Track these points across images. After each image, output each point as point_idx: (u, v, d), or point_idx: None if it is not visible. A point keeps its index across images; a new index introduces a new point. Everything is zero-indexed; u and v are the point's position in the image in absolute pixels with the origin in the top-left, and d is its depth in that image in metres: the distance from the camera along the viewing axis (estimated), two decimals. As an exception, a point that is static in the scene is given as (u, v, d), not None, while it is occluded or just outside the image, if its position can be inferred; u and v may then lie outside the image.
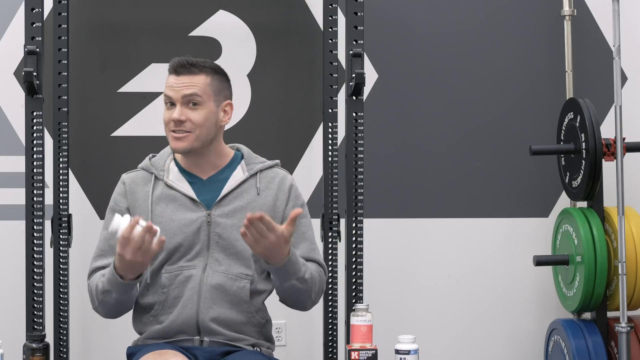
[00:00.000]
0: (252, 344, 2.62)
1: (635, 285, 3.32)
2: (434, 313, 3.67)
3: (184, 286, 2.58)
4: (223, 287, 2.58)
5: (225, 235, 2.61)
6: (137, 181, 2.68)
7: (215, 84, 2.64)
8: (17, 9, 3.45)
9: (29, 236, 3.09)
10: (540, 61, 3.71)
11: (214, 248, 2.61)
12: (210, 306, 2.57)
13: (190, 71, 2.61)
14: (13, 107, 3.47)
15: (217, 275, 2.59)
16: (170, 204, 2.63)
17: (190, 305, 2.57)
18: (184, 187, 2.64)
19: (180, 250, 2.60)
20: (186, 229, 2.61)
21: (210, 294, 2.58)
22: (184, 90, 2.59)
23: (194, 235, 2.61)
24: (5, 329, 3.29)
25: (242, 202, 2.64)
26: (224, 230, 2.61)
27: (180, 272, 2.59)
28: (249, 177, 2.67)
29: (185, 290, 2.58)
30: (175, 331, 2.59)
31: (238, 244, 2.59)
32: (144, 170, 2.70)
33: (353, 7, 3.19)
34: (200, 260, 2.60)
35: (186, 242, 2.60)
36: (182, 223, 2.61)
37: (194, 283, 2.58)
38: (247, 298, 2.59)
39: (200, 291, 2.58)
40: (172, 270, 2.60)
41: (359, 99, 3.21)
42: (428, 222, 3.68)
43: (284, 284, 2.57)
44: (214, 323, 2.57)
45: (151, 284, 2.61)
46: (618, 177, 3.29)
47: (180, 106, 2.59)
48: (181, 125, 2.59)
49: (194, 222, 2.61)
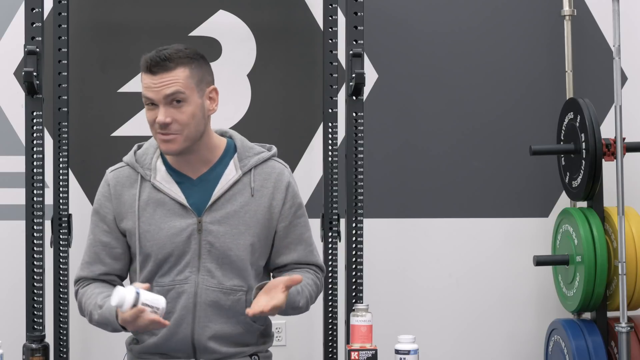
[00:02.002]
0: (250, 354, 2.58)
1: (635, 285, 3.32)
2: (434, 313, 3.67)
3: (176, 302, 2.49)
4: (217, 303, 2.49)
5: (217, 244, 2.48)
6: (123, 181, 2.52)
7: (195, 73, 2.43)
8: (17, 9, 3.46)
9: (29, 236, 3.09)
10: (540, 61, 3.71)
11: (205, 258, 2.49)
12: (205, 325, 2.50)
13: (165, 67, 2.39)
14: (13, 107, 3.47)
15: (210, 291, 2.49)
16: (158, 210, 2.49)
17: (185, 325, 2.49)
18: (172, 190, 2.49)
19: (170, 261, 2.49)
20: (175, 239, 2.48)
21: (204, 312, 2.49)
22: (164, 90, 2.39)
23: (184, 245, 2.48)
24: (5, 329, 3.29)
25: (235, 205, 2.50)
26: (216, 238, 2.48)
27: (172, 288, 2.49)
28: (242, 176, 2.52)
29: (178, 308, 2.49)
30: (170, 349, 2.53)
31: (231, 253, 2.49)
32: (129, 166, 2.54)
33: (353, 7, 3.19)
34: (191, 272, 2.49)
35: (176, 252, 2.48)
36: (171, 232, 2.48)
37: (186, 301, 2.49)
38: (242, 310, 2.49)
39: (194, 310, 2.49)
40: (164, 284, 2.49)
41: (359, 99, 3.20)
42: (428, 222, 3.68)
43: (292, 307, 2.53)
44: (210, 342, 2.51)
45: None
46: (618, 177, 3.29)
47: (164, 107, 2.39)
48: (167, 127, 2.40)
49: (183, 230, 2.48)
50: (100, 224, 2.56)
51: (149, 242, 2.50)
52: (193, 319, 2.50)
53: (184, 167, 2.51)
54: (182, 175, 2.52)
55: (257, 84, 3.58)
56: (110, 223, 2.54)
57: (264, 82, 3.60)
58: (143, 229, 2.49)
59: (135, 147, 2.59)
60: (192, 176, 2.52)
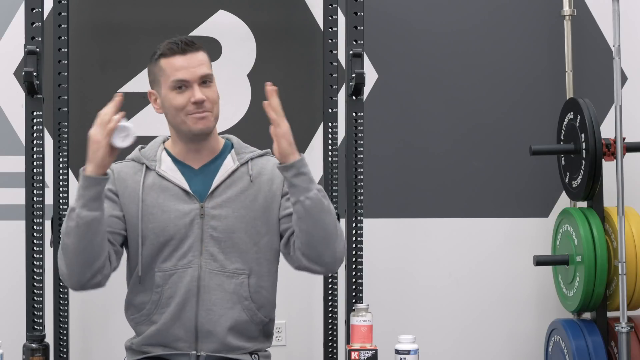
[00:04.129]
0: (251, 352, 2.59)
1: (635, 285, 3.32)
2: (434, 313, 3.67)
3: (178, 287, 2.52)
4: (221, 286, 2.53)
5: (220, 227, 2.55)
6: (127, 170, 2.61)
7: (209, 59, 2.61)
8: (17, 9, 3.46)
9: (29, 236, 3.08)
10: (540, 61, 3.72)
11: (207, 241, 2.54)
12: (209, 308, 2.53)
13: (194, 48, 2.56)
14: (13, 107, 3.47)
15: (213, 274, 2.53)
16: (161, 194, 2.56)
17: (189, 308, 2.52)
18: (176, 177, 2.58)
19: (171, 244, 2.54)
20: (178, 222, 2.54)
21: (208, 295, 2.53)
22: (199, 70, 2.53)
23: (187, 228, 2.54)
24: (5, 329, 3.29)
25: (235, 191, 2.57)
26: (219, 222, 2.55)
27: (174, 272, 2.53)
28: (239, 166, 2.61)
29: (180, 291, 2.52)
30: (172, 337, 2.54)
31: (234, 235, 2.55)
32: (133, 161, 2.63)
33: (353, 7, 3.19)
34: (194, 256, 2.53)
35: (178, 235, 2.53)
36: (174, 215, 2.54)
37: (190, 285, 2.52)
38: (246, 294, 2.55)
39: (198, 294, 2.53)
40: (166, 269, 2.53)
41: (359, 99, 3.20)
42: (428, 222, 3.68)
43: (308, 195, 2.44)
44: (214, 327, 2.53)
45: (143, 281, 2.55)
46: (618, 177, 3.29)
47: (199, 85, 2.53)
48: (202, 105, 2.53)
49: (186, 214, 2.55)
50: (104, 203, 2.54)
51: (152, 223, 2.55)
52: (197, 302, 2.53)
53: (190, 156, 2.61)
54: (186, 166, 2.61)
55: (257, 84, 3.58)
56: (113, 197, 2.57)
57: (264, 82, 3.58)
58: (146, 211, 2.55)
59: (139, 147, 2.67)
60: (195, 166, 2.61)
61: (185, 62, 2.54)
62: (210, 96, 2.55)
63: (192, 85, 2.54)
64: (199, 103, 2.52)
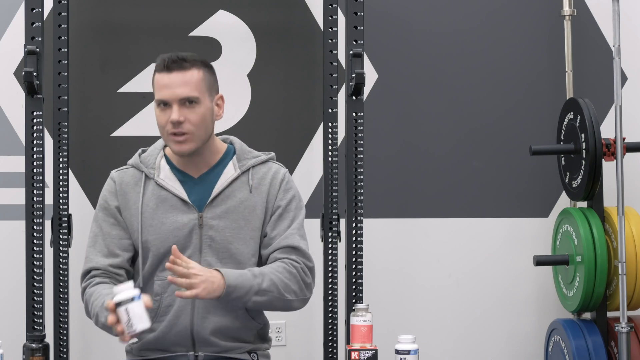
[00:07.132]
0: (249, 351, 2.60)
1: (635, 285, 3.32)
2: (434, 313, 3.67)
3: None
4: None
5: (218, 238, 2.55)
6: (128, 180, 2.60)
7: (207, 78, 2.55)
8: (17, 9, 3.45)
9: (29, 236, 3.08)
10: (540, 61, 3.71)
11: (206, 251, 2.55)
12: (204, 316, 2.54)
13: (182, 66, 2.50)
14: (13, 107, 3.47)
15: None
16: (160, 205, 2.56)
17: (184, 316, 2.54)
18: (175, 187, 2.57)
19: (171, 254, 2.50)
20: (177, 233, 2.55)
21: (203, 303, 2.53)
22: (179, 91, 2.49)
23: (186, 239, 2.55)
24: (5, 329, 3.29)
25: (234, 201, 2.57)
26: (217, 232, 2.55)
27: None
28: (240, 175, 2.59)
29: (178, 300, 2.52)
30: (169, 343, 2.56)
31: (231, 246, 2.55)
32: (133, 167, 2.62)
33: (353, 7, 3.19)
34: None
35: (177, 246, 2.49)
36: (173, 227, 2.55)
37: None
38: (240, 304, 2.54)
39: (193, 302, 2.53)
40: (165, 277, 2.53)
41: (359, 99, 3.20)
42: (428, 222, 3.68)
43: (247, 305, 2.50)
44: (209, 334, 2.54)
45: (143, 290, 2.54)
46: (618, 177, 3.29)
47: (178, 106, 2.49)
48: (180, 126, 2.49)
49: (185, 225, 2.55)
50: (108, 218, 2.61)
51: (152, 236, 2.56)
52: (192, 310, 2.54)
53: (188, 166, 2.60)
54: (185, 174, 2.60)
55: (257, 84, 3.58)
56: (118, 216, 2.60)
57: (264, 82, 3.59)
58: (146, 223, 2.55)
59: (140, 151, 2.67)
60: (194, 175, 2.60)
61: (169, 81, 2.50)
62: (192, 118, 2.50)
63: (172, 105, 2.50)
64: (174, 123, 2.49)
